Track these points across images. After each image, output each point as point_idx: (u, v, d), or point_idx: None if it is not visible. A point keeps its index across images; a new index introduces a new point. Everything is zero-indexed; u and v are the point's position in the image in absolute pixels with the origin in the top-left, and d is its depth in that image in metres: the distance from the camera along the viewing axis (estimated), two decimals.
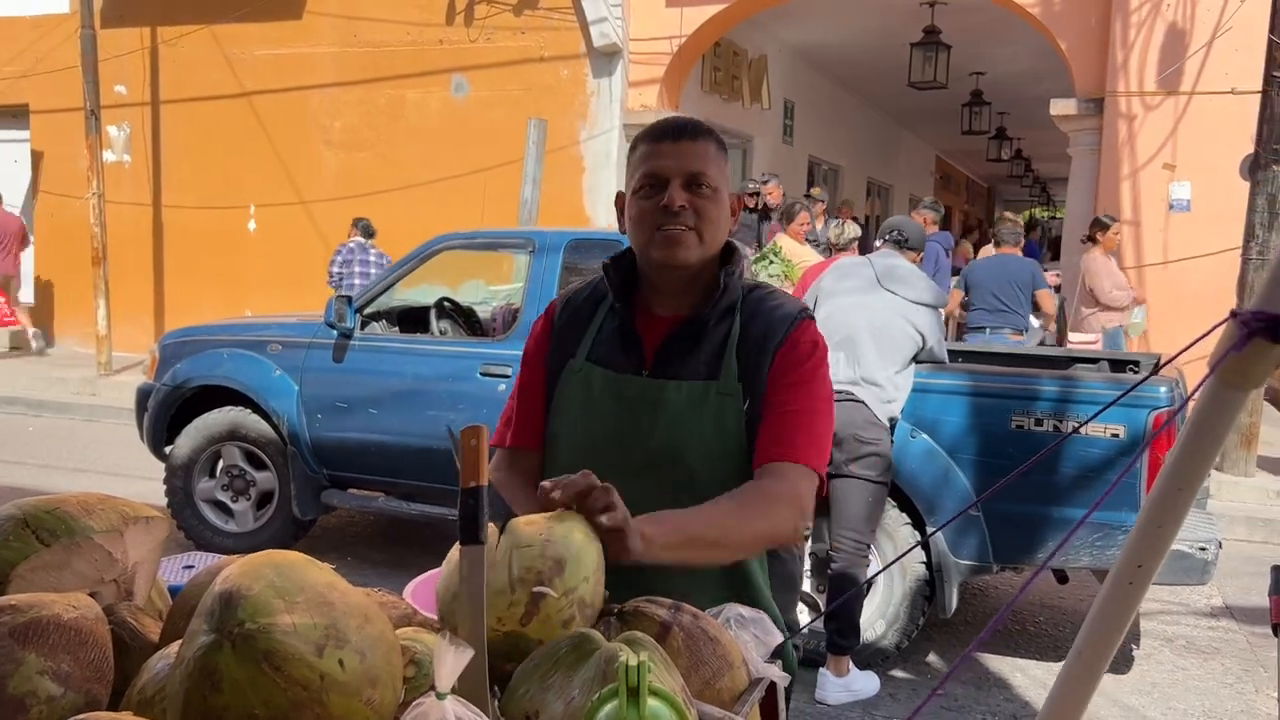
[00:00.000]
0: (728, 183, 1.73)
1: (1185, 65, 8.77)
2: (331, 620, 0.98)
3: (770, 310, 1.73)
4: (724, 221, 1.71)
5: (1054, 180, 28.04)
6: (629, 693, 1.03)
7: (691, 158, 1.67)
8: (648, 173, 1.68)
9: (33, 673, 1.03)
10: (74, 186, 11.75)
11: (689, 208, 1.65)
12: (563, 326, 1.82)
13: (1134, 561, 0.97)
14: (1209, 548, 4.01)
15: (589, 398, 1.73)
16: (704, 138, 1.70)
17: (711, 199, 1.67)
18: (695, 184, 1.66)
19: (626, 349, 1.74)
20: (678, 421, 1.67)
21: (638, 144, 1.74)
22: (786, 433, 1.65)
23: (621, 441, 1.68)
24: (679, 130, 1.70)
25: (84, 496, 1.40)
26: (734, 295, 1.72)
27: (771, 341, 1.69)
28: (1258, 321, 0.86)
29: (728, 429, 1.66)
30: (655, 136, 1.71)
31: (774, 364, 1.68)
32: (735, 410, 1.66)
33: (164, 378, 5.72)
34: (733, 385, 1.67)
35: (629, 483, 1.55)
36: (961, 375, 4.34)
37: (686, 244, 1.66)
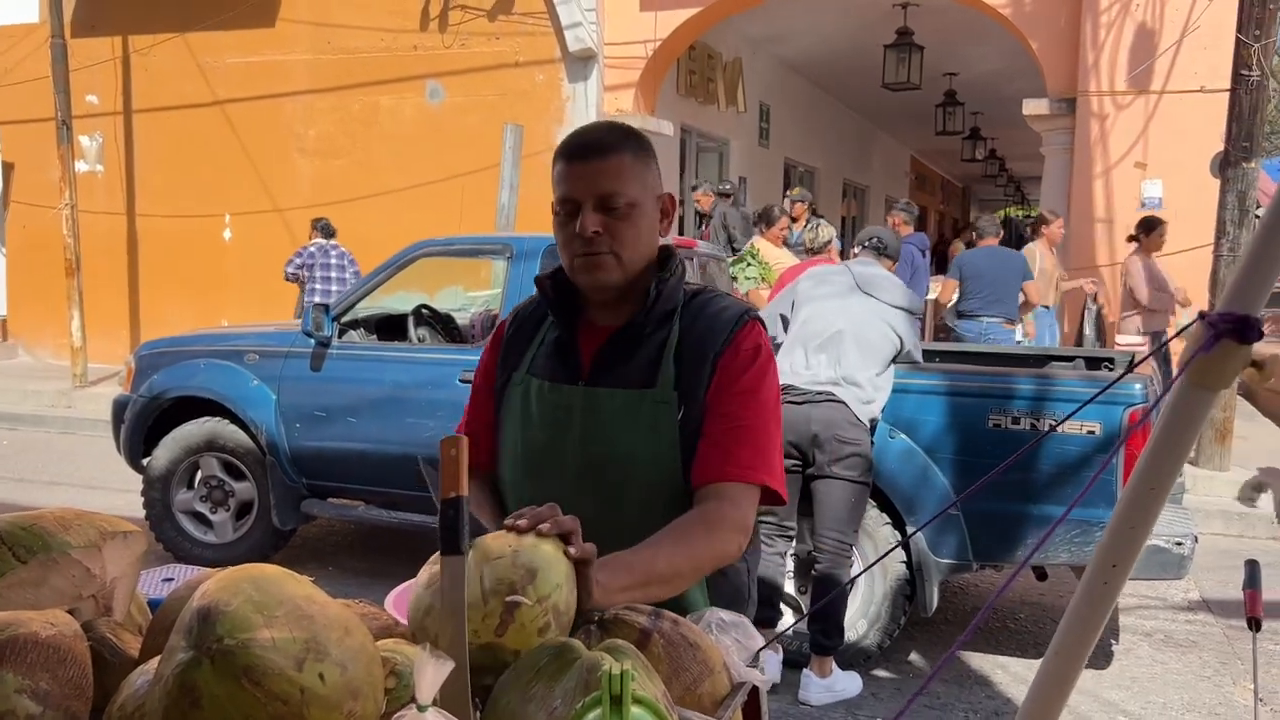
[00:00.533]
0: (651, 188, 1.69)
1: (1155, 65, 8.87)
2: (311, 634, 0.98)
3: (712, 315, 1.71)
4: (646, 234, 1.68)
5: (1028, 179, 28.25)
6: (612, 701, 1.03)
7: (601, 178, 1.63)
8: (560, 197, 1.66)
9: (10, 691, 1.03)
10: (46, 197, 11.65)
11: (603, 231, 1.63)
12: (509, 340, 1.83)
13: (1108, 561, 0.98)
14: (1185, 542, 4.05)
15: (527, 409, 1.74)
16: (615, 152, 1.65)
17: (626, 217, 1.64)
18: (608, 205, 1.63)
19: (564, 359, 1.74)
20: (611, 429, 1.66)
21: (555, 161, 1.69)
22: (731, 448, 1.63)
23: (557, 451, 1.68)
24: (588, 149, 1.66)
25: (61, 512, 1.39)
26: (672, 301, 1.71)
27: (712, 347, 1.67)
28: (1225, 323, 0.87)
29: (662, 437, 1.65)
30: (567, 156, 1.67)
31: (716, 371, 1.66)
32: (669, 418, 1.65)
33: (140, 389, 5.68)
34: (668, 393, 1.66)
35: (565, 491, 1.55)
36: (939, 375, 4.37)
37: (605, 267, 1.64)
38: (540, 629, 1.18)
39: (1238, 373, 0.90)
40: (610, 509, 1.56)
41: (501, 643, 1.16)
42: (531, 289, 5.39)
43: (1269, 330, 7.73)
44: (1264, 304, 0.89)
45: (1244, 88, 7.12)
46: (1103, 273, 9.07)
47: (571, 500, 1.43)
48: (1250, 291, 0.88)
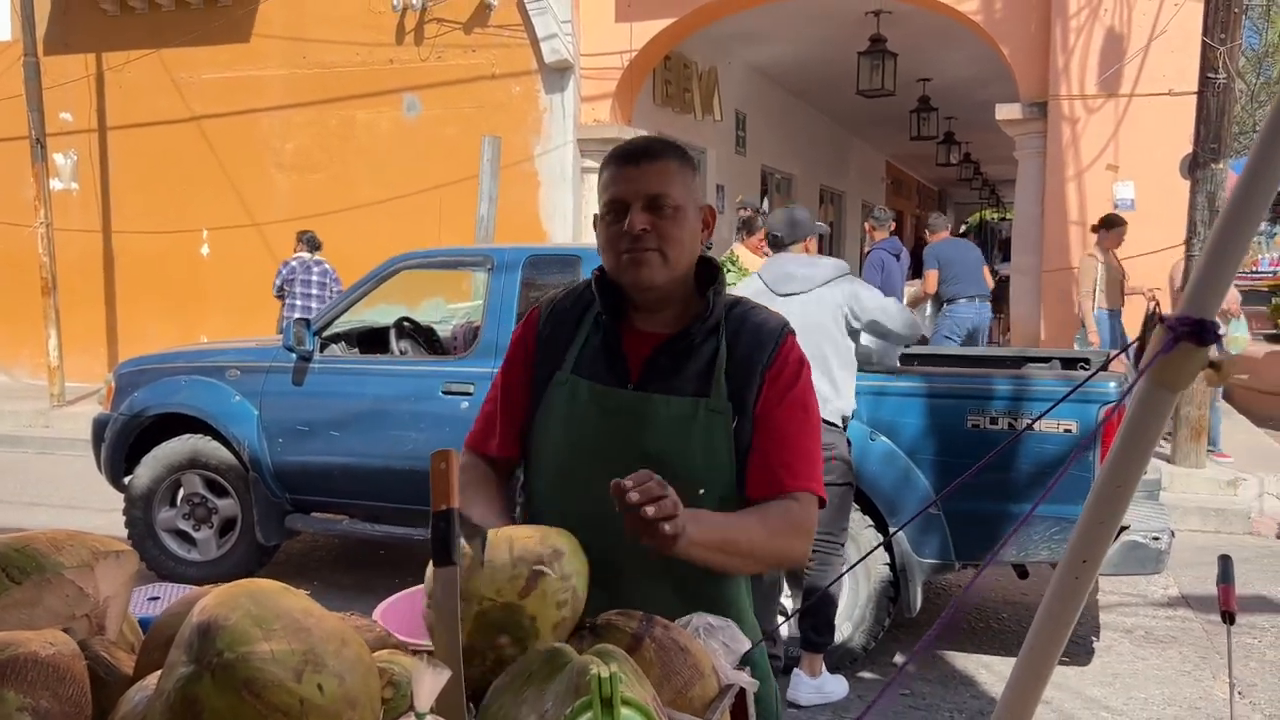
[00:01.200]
0: (695, 198, 1.75)
1: (1124, 68, 8.99)
2: (309, 646, 1.00)
3: (755, 328, 1.76)
4: (690, 238, 1.73)
5: (1003, 182, 28.49)
6: (602, 703, 1.06)
7: (651, 179, 1.69)
8: (610, 199, 1.71)
9: (12, 710, 1.04)
10: (21, 215, 11.57)
11: (651, 230, 1.67)
12: (548, 336, 1.83)
13: (1079, 557, 1.01)
14: (1162, 537, 4.12)
15: (573, 409, 1.75)
16: (664, 157, 1.71)
17: (673, 218, 1.69)
18: (656, 205, 1.68)
19: (611, 363, 1.76)
20: (665, 436, 1.69)
21: (603, 169, 1.76)
22: (795, 460, 1.70)
23: (604, 453, 1.70)
24: (638, 153, 1.72)
25: (53, 533, 1.41)
26: (720, 313, 1.76)
27: (759, 361, 1.72)
28: (1183, 326, 0.91)
29: (715, 446, 1.69)
30: (617, 161, 1.72)
31: (764, 384, 1.71)
32: (724, 428, 1.69)
33: (121, 407, 5.66)
34: (722, 403, 1.70)
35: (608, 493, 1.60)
36: (918, 377, 4.42)
37: (651, 265, 1.68)
38: (559, 603, 1.23)
39: (1196, 374, 0.94)
40: None
41: (523, 605, 1.21)
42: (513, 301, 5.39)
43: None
44: (1219, 307, 0.93)
45: (1211, 90, 7.23)
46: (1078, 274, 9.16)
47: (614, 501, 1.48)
48: (1206, 296, 0.92)
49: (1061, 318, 9.03)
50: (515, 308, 5.07)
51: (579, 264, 5.10)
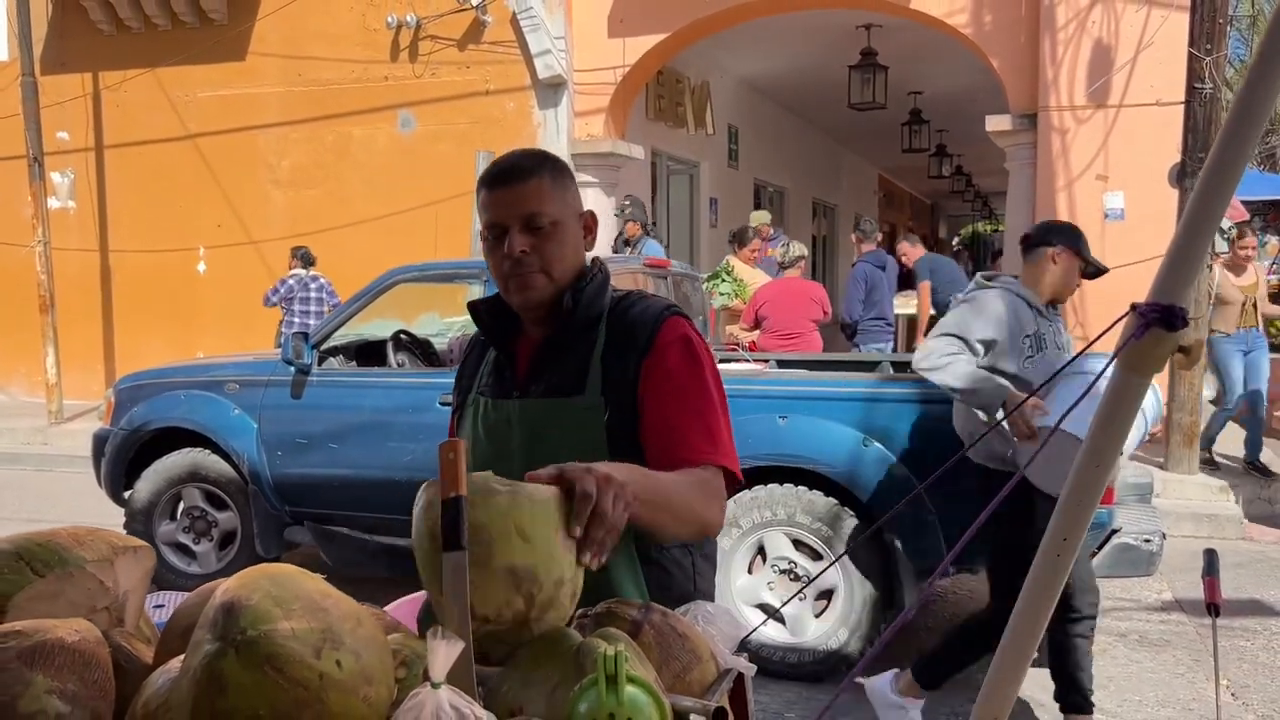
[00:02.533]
0: (574, 208, 1.78)
1: (1112, 80, 9.09)
2: (327, 624, 1.05)
3: (634, 316, 1.77)
4: (572, 250, 1.76)
5: (995, 194, 28.65)
6: (608, 681, 1.11)
7: (523, 200, 1.72)
8: (488, 223, 1.76)
9: (41, 692, 1.09)
10: (18, 234, 11.62)
11: (531, 251, 1.71)
12: (464, 364, 1.94)
13: (1060, 535, 1.07)
14: (1154, 540, 4.17)
15: (475, 425, 1.83)
16: (534, 175, 1.73)
17: (551, 235, 1.72)
18: (532, 225, 1.71)
19: (502, 375, 1.83)
20: (537, 437, 1.73)
21: (478, 190, 1.78)
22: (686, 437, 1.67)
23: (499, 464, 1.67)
24: (508, 174, 1.74)
25: (74, 529, 1.46)
26: (596, 308, 1.78)
27: (634, 348, 1.73)
28: (1153, 312, 0.96)
29: (589, 442, 1.70)
30: (489, 184, 1.76)
31: (642, 372, 1.72)
32: (597, 423, 1.71)
33: (121, 421, 5.70)
34: (595, 398, 1.72)
35: None
36: (911, 384, 4.48)
37: (536, 285, 1.73)
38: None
39: (1167, 358, 0.99)
40: None
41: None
42: None
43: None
44: (1188, 295, 0.99)
45: (1198, 100, 7.32)
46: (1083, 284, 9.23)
47: None
48: (1175, 283, 0.98)
49: None
50: None
51: None
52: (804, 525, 4.42)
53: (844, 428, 4.39)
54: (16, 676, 1.09)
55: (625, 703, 1.10)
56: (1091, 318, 9.03)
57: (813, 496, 4.41)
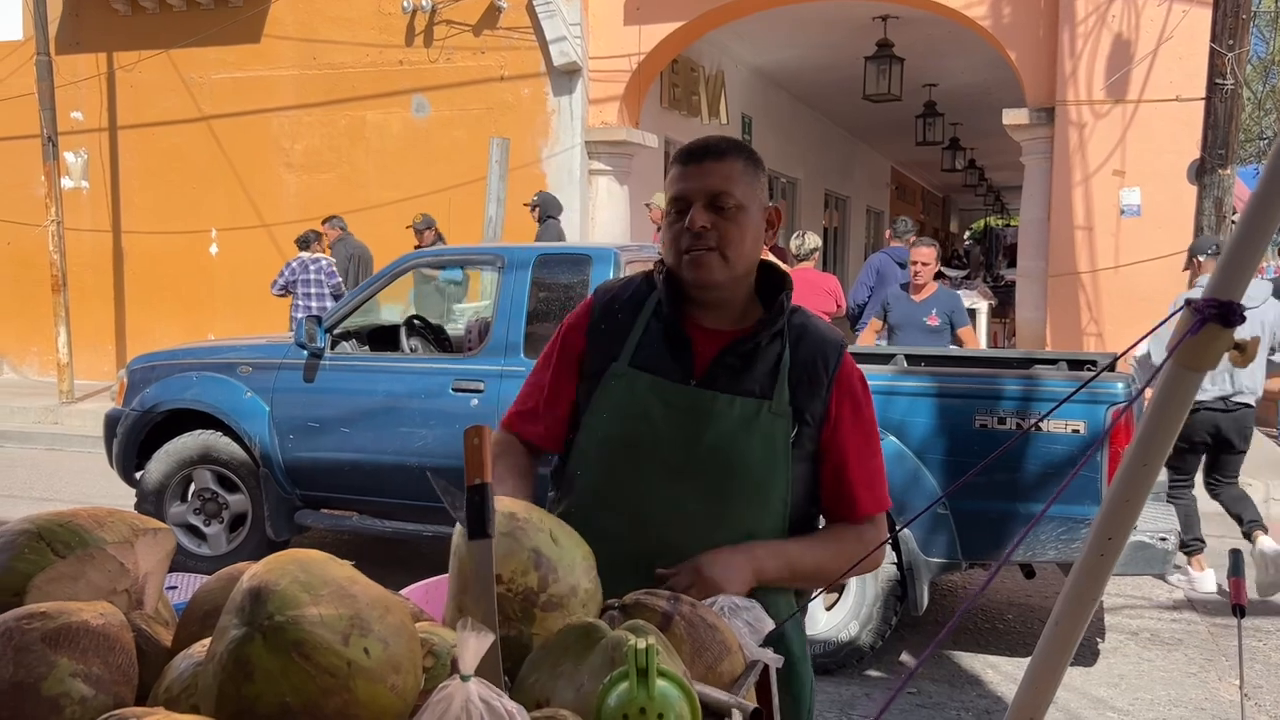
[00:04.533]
0: (760, 198, 1.75)
1: (1131, 74, 9.02)
2: (355, 611, 1.03)
3: (817, 338, 1.79)
4: (752, 239, 1.73)
5: (1007, 189, 28.53)
6: (639, 674, 1.09)
7: (714, 177, 1.69)
8: (674, 196, 1.73)
9: (65, 675, 1.07)
10: (31, 214, 11.64)
11: (711, 228, 1.68)
12: (603, 328, 1.82)
13: (1105, 534, 1.04)
14: (1169, 538, 4.14)
15: (632, 401, 1.74)
16: (729, 156, 1.72)
17: (734, 218, 1.69)
18: (717, 204, 1.68)
19: (675, 357, 1.75)
20: (727, 434, 1.70)
21: (671, 166, 1.77)
22: (869, 479, 1.78)
23: (661, 444, 1.71)
24: (702, 151, 1.72)
25: (94, 510, 1.44)
26: (785, 318, 1.77)
27: (823, 372, 1.76)
28: (1210, 308, 0.94)
29: (774, 448, 1.71)
30: (682, 159, 1.74)
31: (832, 396, 1.76)
32: (784, 431, 1.71)
33: (133, 403, 5.69)
34: (784, 407, 1.72)
35: (664, 484, 1.68)
36: (926, 377, 4.45)
37: (710, 265, 1.69)
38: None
39: (1222, 354, 0.97)
40: (709, 506, 1.67)
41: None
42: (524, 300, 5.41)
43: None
44: (1245, 291, 0.96)
45: (1219, 96, 7.26)
46: (1083, 279, 9.20)
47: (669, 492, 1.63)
48: (1233, 279, 0.95)
49: (1067, 322, 9.05)
50: (525, 306, 5.10)
51: (589, 264, 5.13)
52: None
53: None
54: (40, 658, 1.07)
55: (656, 697, 1.08)
56: (1105, 314, 9.01)
57: None
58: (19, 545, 1.31)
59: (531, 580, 1.29)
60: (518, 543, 1.30)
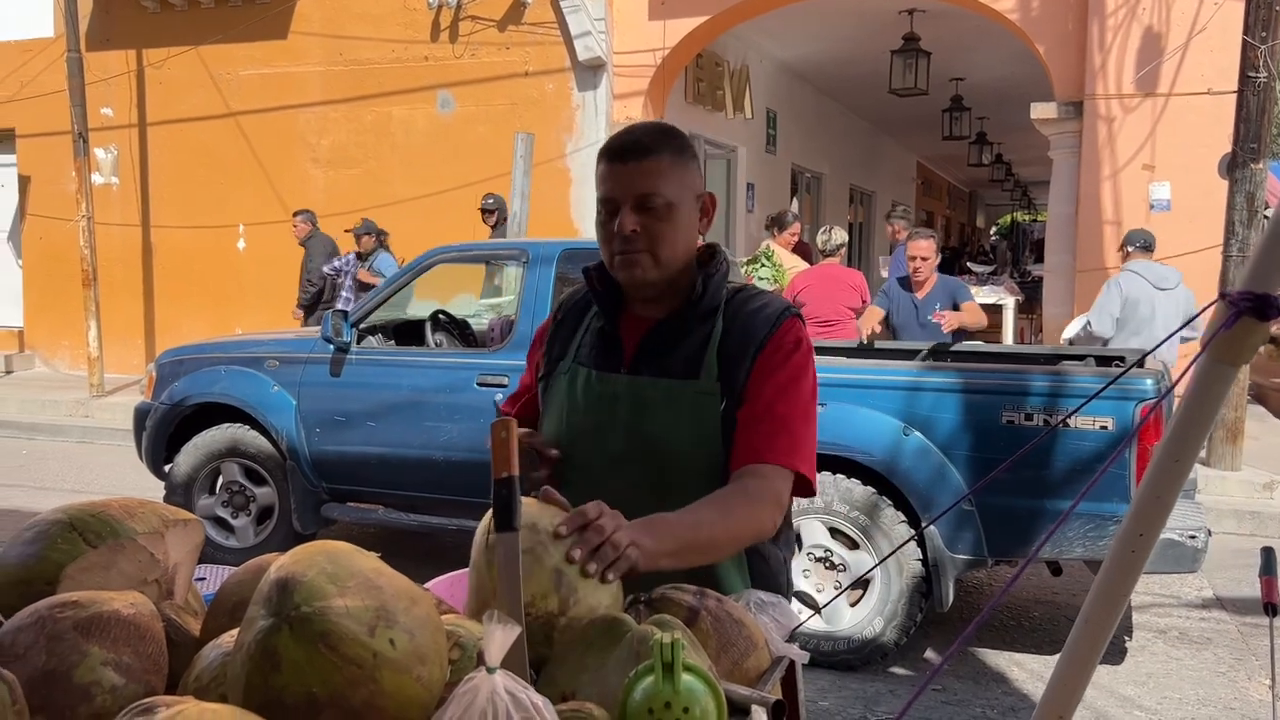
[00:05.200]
0: (692, 188, 1.74)
1: (1162, 67, 8.91)
2: (381, 602, 1.04)
3: (754, 311, 1.75)
4: (685, 233, 1.73)
5: (1035, 184, 28.29)
6: (664, 669, 1.09)
7: (641, 178, 1.68)
8: (602, 197, 1.73)
9: (96, 664, 1.09)
10: (62, 209, 11.77)
11: (640, 231, 1.68)
12: (556, 330, 1.90)
13: (1136, 530, 1.03)
14: (1198, 535, 4.10)
15: (572, 395, 1.79)
16: (654, 153, 1.70)
17: (664, 216, 1.68)
18: (645, 205, 1.68)
19: (608, 348, 1.79)
20: (653, 417, 1.71)
21: (598, 161, 1.76)
22: (766, 436, 1.68)
23: (599, 436, 1.74)
24: (626, 151, 1.71)
25: (125, 501, 1.45)
26: (716, 298, 1.75)
27: (752, 342, 1.72)
28: (1245, 301, 0.92)
29: (704, 427, 1.70)
30: (608, 157, 1.73)
31: (755, 365, 1.71)
32: (713, 409, 1.70)
33: (162, 396, 5.75)
34: (711, 384, 1.71)
35: (606, 475, 1.67)
36: (953, 373, 4.42)
37: (642, 265, 1.69)
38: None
39: (1257, 348, 0.95)
40: (652, 493, 1.62)
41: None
42: (548, 294, 5.44)
43: None
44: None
45: (1251, 89, 7.16)
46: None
47: (612, 483, 1.53)
48: (1269, 271, 0.94)
49: None
50: (550, 301, 5.10)
51: None
52: (841, 514, 4.38)
53: (883, 416, 4.34)
54: (73, 646, 1.09)
55: (681, 691, 1.08)
56: None
57: (850, 485, 4.38)
58: (52, 535, 1.33)
59: (552, 604, 1.27)
60: (539, 562, 1.27)
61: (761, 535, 1.66)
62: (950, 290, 6.42)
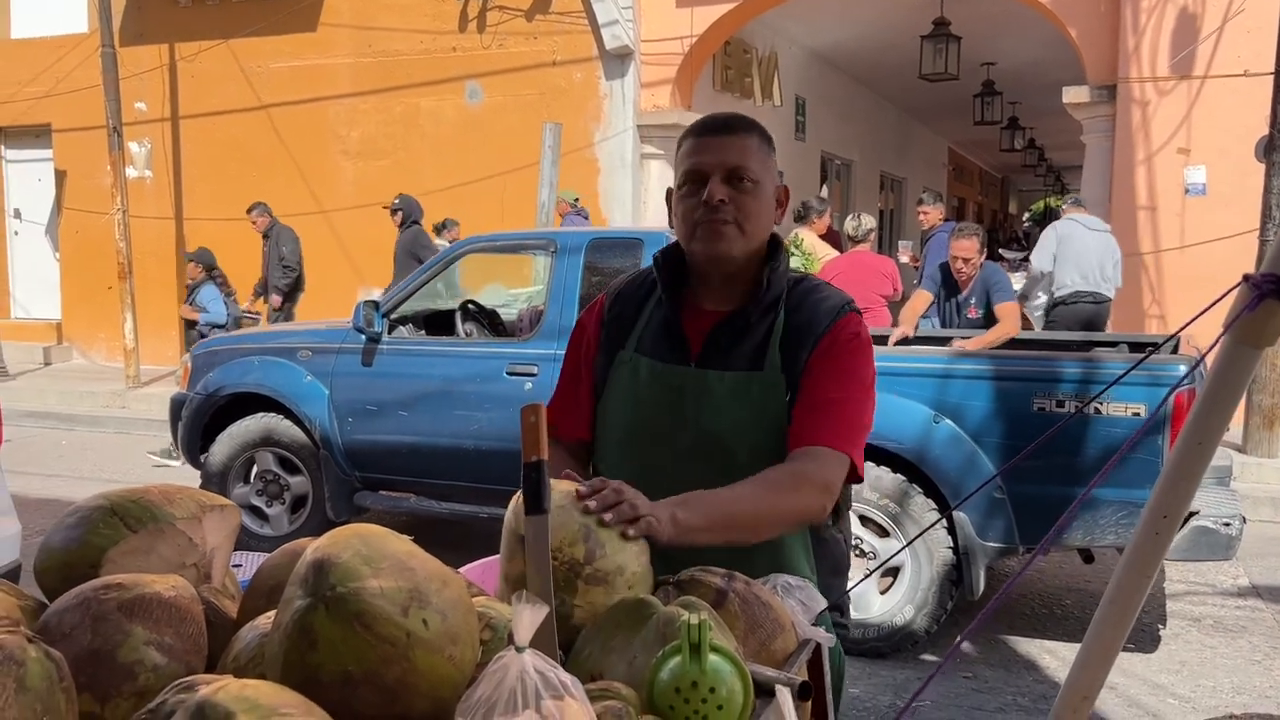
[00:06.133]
0: (772, 176, 1.76)
1: (1197, 50, 8.78)
2: (414, 584, 1.06)
3: (815, 304, 1.76)
4: (766, 214, 1.74)
5: (1068, 169, 27.96)
6: (691, 650, 1.10)
7: (732, 152, 1.70)
8: (690, 169, 1.72)
9: (140, 644, 1.12)
10: (98, 203, 11.93)
11: (729, 201, 1.68)
12: (613, 319, 1.87)
13: (1160, 512, 1.04)
14: (1233, 523, 4.06)
15: (637, 386, 1.78)
16: (745, 132, 1.73)
17: (752, 192, 1.70)
18: (736, 178, 1.69)
19: (672, 341, 1.78)
20: (721, 410, 1.71)
21: (682, 141, 1.77)
22: (820, 418, 1.68)
23: (667, 428, 1.74)
24: (720, 126, 1.73)
25: (163, 487, 1.49)
26: (778, 289, 1.76)
27: (814, 334, 1.72)
28: (1268, 283, 0.93)
29: (771, 418, 1.71)
30: (698, 132, 1.74)
31: (813, 356, 1.71)
32: (778, 400, 1.70)
33: (197, 387, 5.83)
34: (776, 376, 1.71)
35: (675, 467, 1.67)
36: (983, 360, 4.40)
37: (728, 237, 1.69)
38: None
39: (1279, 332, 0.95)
40: (722, 484, 1.62)
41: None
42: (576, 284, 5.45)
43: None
44: None
45: None
46: (1146, 260, 9.00)
47: (680, 474, 1.55)
48: None
49: (1129, 303, 8.87)
50: (578, 291, 5.12)
51: (641, 247, 5.15)
52: (871, 502, 4.38)
53: (914, 404, 4.33)
54: (117, 626, 1.12)
55: (708, 671, 1.10)
56: (1169, 296, 8.82)
57: (880, 473, 4.37)
58: (94, 520, 1.37)
59: (579, 552, 1.30)
60: (571, 516, 1.32)
61: (809, 517, 1.66)
62: (986, 284, 6.06)
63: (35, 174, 13.22)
